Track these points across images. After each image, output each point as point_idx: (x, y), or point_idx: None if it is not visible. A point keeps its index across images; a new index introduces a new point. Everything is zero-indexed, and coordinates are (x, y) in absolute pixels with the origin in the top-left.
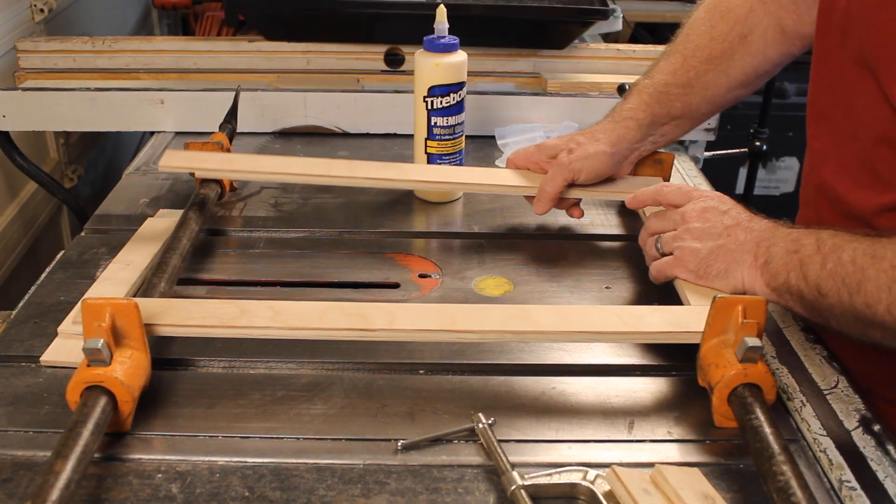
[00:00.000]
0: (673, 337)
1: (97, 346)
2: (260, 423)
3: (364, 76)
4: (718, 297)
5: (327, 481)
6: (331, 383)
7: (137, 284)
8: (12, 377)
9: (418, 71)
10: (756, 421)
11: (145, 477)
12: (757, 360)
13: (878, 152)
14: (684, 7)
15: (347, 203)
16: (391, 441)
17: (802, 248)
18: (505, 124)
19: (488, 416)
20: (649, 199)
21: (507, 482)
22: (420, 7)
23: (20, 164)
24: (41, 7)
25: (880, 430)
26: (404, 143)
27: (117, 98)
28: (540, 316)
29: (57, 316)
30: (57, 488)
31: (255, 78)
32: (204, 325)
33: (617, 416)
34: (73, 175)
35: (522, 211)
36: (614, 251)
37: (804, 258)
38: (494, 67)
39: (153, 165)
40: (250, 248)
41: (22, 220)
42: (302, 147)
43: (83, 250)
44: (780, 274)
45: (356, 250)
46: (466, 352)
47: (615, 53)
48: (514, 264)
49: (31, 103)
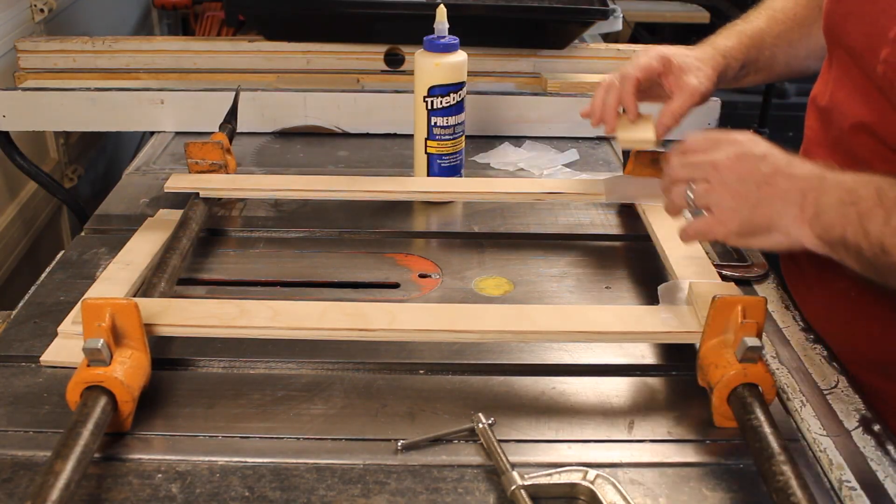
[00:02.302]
0: (673, 337)
1: (97, 346)
2: (260, 423)
3: (364, 76)
4: (718, 297)
5: (327, 481)
6: (331, 383)
7: (137, 284)
8: (12, 377)
9: (418, 71)
10: (755, 421)
11: (145, 477)
12: (756, 360)
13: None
14: (684, 7)
15: (347, 203)
16: (391, 441)
17: (861, 201)
18: (505, 124)
19: (488, 416)
20: (676, 150)
21: (507, 482)
22: (420, 7)
23: (20, 164)
24: (41, 7)
25: (880, 430)
26: (404, 143)
27: (117, 98)
28: (540, 316)
29: (57, 316)
30: (57, 488)
31: (255, 78)
32: (204, 325)
33: (617, 416)
34: (73, 175)
35: (522, 211)
36: (614, 251)
37: (863, 211)
38: (494, 67)
39: (153, 165)
40: (250, 248)
41: (22, 220)
42: (302, 147)
43: (83, 250)
44: (833, 227)
45: (356, 250)
46: (466, 352)
47: (615, 53)
48: (514, 264)
49: (31, 103)
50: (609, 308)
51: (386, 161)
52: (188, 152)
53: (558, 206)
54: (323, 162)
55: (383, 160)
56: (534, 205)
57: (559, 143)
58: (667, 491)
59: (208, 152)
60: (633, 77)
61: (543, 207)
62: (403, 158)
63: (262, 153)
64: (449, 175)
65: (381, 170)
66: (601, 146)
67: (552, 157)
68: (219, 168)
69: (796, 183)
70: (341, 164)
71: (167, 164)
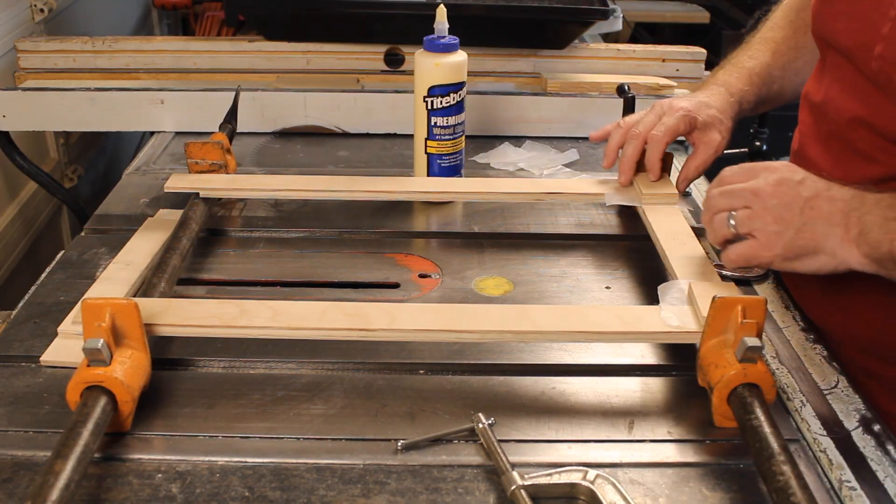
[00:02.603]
0: (673, 337)
1: (97, 346)
2: (260, 423)
3: (364, 76)
4: (718, 297)
5: (327, 481)
6: (331, 383)
7: (137, 284)
8: (12, 377)
9: (418, 71)
10: (756, 421)
11: (145, 477)
12: (756, 360)
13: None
14: (684, 7)
15: (347, 203)
16: (391, 441)
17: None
18: (505, 124)
19: (488, 416)
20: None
21: (507, 482)
22: (420, 7)
23: (20, 164)
24: (41, 7)
25: (880, 430)
26: (404, 143)
27: (117, 98)
28: (540, 316)
29: (57, 316)
30: (57, 488)
31: (255, 78)
32: (204, 325)
33: (617, 416)
34: (73, 175)
35: (522, 211)
36: (614, 251)
37: None
38: (494, 67)
39: (153, 165)
40: (250, 248)
41: (22, 220)
42: (302, 147)
43: (83, 250)
44: (881, 244)
45: (356, 250)
46: (466, 352)
47: (615, 53)
48: (514, 264)
49: (31, 103)
50: (609, 308)
51: (386, 161)
52: (188, 152)
53: (558, 206)
54: (323, 162)
55: (383, 160)
56: (534, 205)
57: (559, 143)
58: (667, 491)
59: (208, 152)
60: (662, 142)
61: (543, 207)
62: (403, 158)
63: (262, 153)
64: (449, 175)
65: (381, 170)
66: (601, 146)
67: (552, 157)
68: (219, 168)
69: (837, 205)
70: (341, 164)
71: (167, 164)
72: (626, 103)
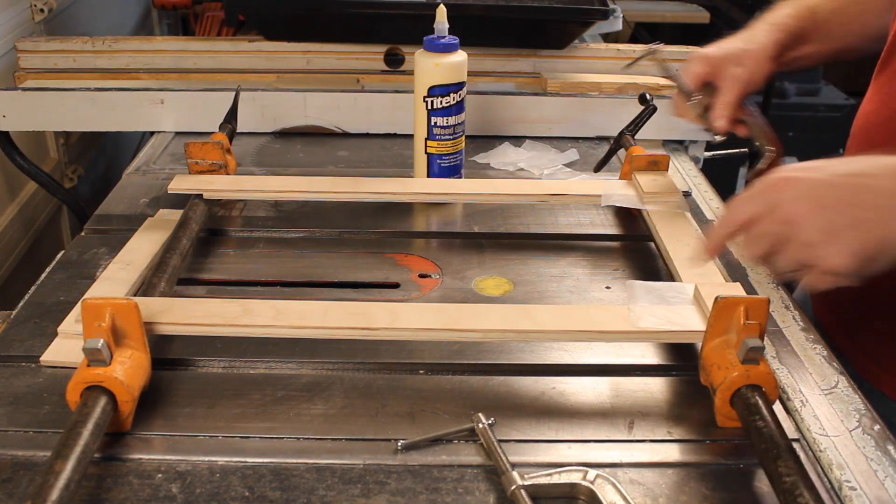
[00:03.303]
0: (673, 337)
1: (97, 346)
2: (260, 423)
3: (364, 76)
4: (720, 297)
5: (327, 481)
6: (331, 383)
7: (137, 284)
8: (12, 377)
9: (418, 71)
10: (761, 422)
11: (145, 477)
12: (759, 361)
13: None
14: (685, 7)
15: (347, 203)
16: (391, 441)
17: None
18: (505, 124)
19: (488, 416)
20: (725, 235)
21: (507, 482)
22: (420, 7)
23: (20, 164)
24: (41, 7)
25: (880, 430)
26: (404, 143)
27: (117, 98)
28: (542, 315)
29: (57, 316)
30: (57, 488)
31: (255, 78)
32: (207, 324)
33: (617, 416)
34: (73, 175)
35: (522, 211)
36: (614, 251)
37: None
38: (494, 67)
39: (153, 165)
40: (250, 248)
41: (22, 220)
42: (302, 147)
43: (83, 250)
44: None
45: (356, 250)
46: (466, 352)
47: (615, 53)
48: (514, 264)
49: (31, 103)
50: (609, 308)
51: (386, 161)
52: (188, 152)
53: (558, 206)
54: (323, 162)
55: (383, 160)
56: (534, 205)
57: (559, 143)
58: (667, 491)
59: (208, 152)
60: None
61: (543, 208)
62: (403, 158)
63: (262, 153)
64: (449, 175)
65: (381, 170)
66: (601, 146)
67: (552, 157)
68: (219, 168)
69: (881, 187)
70: (341, 164)
71: (167, 164)
72: (646, 112)
